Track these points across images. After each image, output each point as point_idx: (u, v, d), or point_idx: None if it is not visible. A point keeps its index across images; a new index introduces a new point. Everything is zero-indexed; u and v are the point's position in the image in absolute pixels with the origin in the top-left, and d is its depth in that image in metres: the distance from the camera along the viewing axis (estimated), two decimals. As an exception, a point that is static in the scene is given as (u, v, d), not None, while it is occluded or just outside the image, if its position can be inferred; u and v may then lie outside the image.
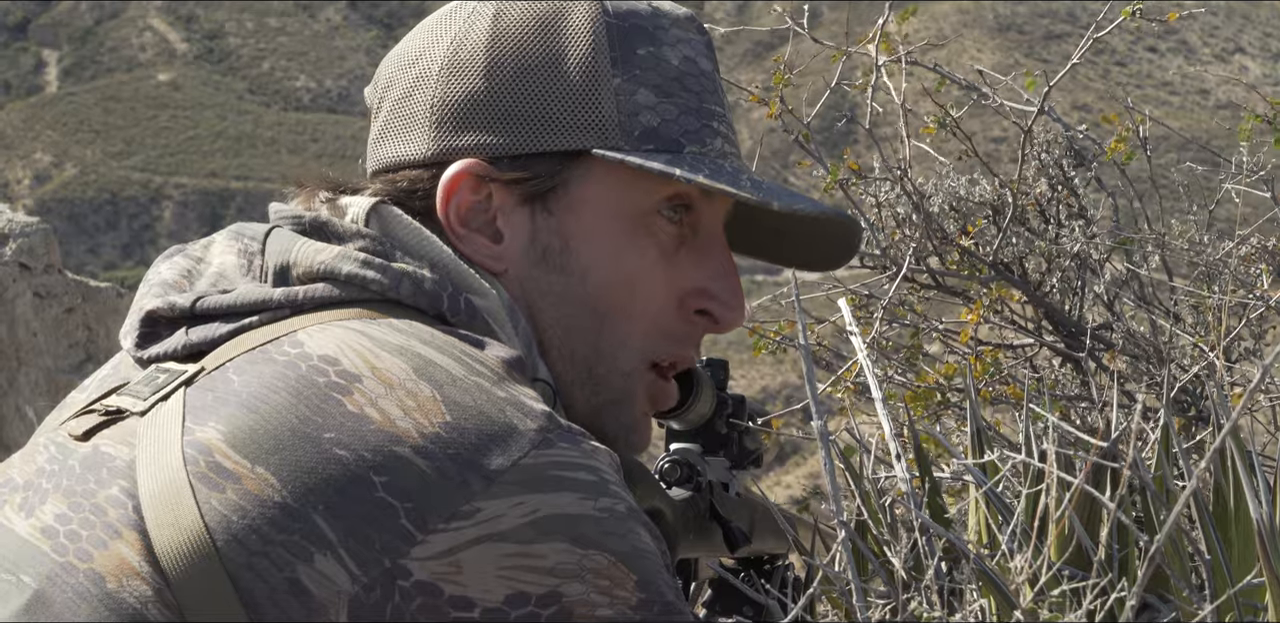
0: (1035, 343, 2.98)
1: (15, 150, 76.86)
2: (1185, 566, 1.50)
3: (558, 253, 1.39)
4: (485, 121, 1.38)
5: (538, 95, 1.38)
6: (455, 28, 1.42)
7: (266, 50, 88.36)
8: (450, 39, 1.41)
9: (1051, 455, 1.40)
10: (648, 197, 1.40)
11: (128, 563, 1.14)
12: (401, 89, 1.43)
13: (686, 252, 1.43)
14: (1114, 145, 2.96)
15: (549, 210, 1.39)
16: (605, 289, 1.40)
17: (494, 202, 1.39)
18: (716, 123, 1.43)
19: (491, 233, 1.39)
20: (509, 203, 1.39)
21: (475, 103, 1.38)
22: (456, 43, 1.41)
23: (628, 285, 1.40)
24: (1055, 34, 71.33)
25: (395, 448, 1.15)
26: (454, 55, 1.40)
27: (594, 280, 1.40)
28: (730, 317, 1.46)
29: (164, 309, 1.31)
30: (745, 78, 3.23)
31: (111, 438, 1.23)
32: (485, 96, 1.38)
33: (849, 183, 2.97)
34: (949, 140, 3.09)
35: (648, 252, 1.41)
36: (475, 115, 1.38)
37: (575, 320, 1.40)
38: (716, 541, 1.75)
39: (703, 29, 1.48)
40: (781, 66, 2.92)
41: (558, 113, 1.38)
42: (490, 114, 1.38)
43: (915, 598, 1.42)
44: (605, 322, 1.40)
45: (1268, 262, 2.81)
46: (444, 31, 1.43)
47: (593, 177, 1.39)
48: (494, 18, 1.41)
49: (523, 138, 1.38)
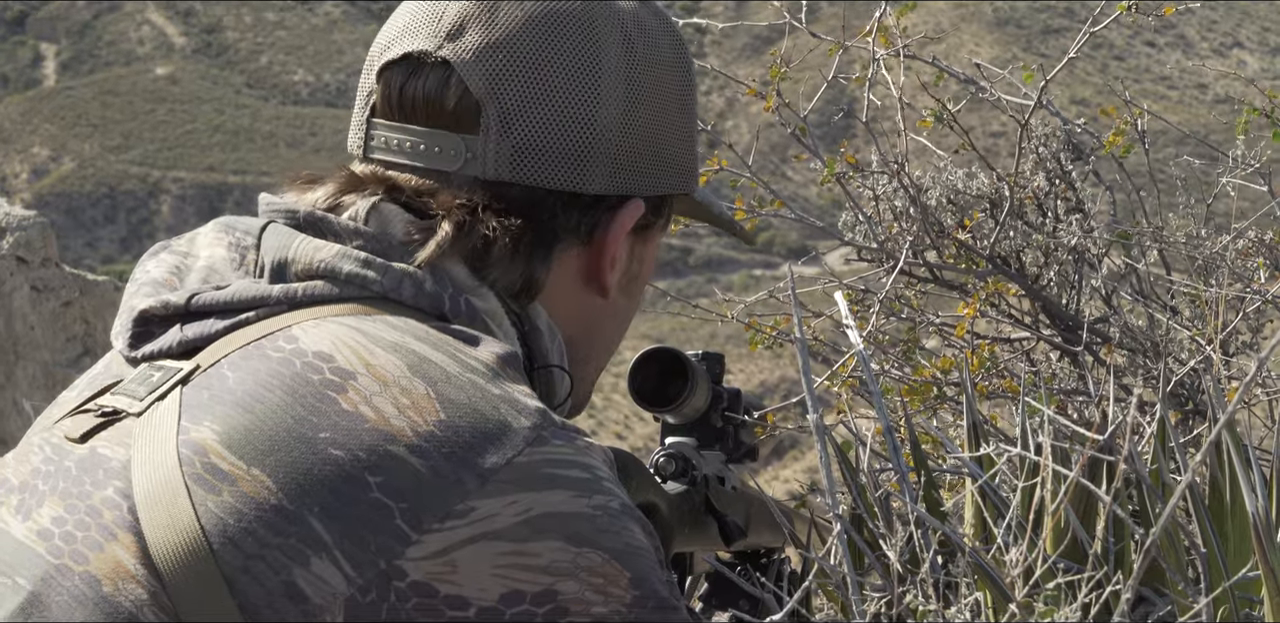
0: (1032, 337, 2.97)
1: (13, 144, 76.80)
2: (1181, 559, 1.50)
3: (635, 279, 1.45)
4: (647, 165, 1.39)
5: (675, 139, 1.42)
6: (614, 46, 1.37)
7: (265, 44, 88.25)
8: (616, 63, 1.36)
9: (1047, 449, 1.40)
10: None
11: (123, 566, 1.14)
12: (564, 106, 1.34)
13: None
14: (1112, 139, 2.96)
15: (643, 240, 1.44)
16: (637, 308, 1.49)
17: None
18: None
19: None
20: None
21: (640, 144, 1.38)
22: (627, 68, 1.37)
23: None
24: (1053, 28, 71.30)
25: (390, 447, 1.15)
26: (628, 85, 1.37)
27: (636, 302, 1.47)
28: None
29: (158, 308, 1.30)
30: (743, 72, 3.22)
31: (108, 440, 1.22)
32: (647, 138, 1.38)
33: (846, 176, 2.97)
34: (947, 135, 3.09)
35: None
36: (640, 157, 1.38)
37: (618, 335, 1.48)
38: (712, 534, 1.75)
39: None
40: (778, 60, 2.91)
41: (688, 157, 1.44)
42: (649, 158, 1.39)
43: (911, 591, 1.42)
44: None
45: (1265, 255, 2.81)
46: (577, 48, 1.35)
47: (670, 210, 1.47)
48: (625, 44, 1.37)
49: (668, 183, 1.42)
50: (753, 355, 3.58)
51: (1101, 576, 1.35)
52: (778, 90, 2.90)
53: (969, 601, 1.42)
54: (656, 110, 1.38)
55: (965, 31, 70.15)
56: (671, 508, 1.61)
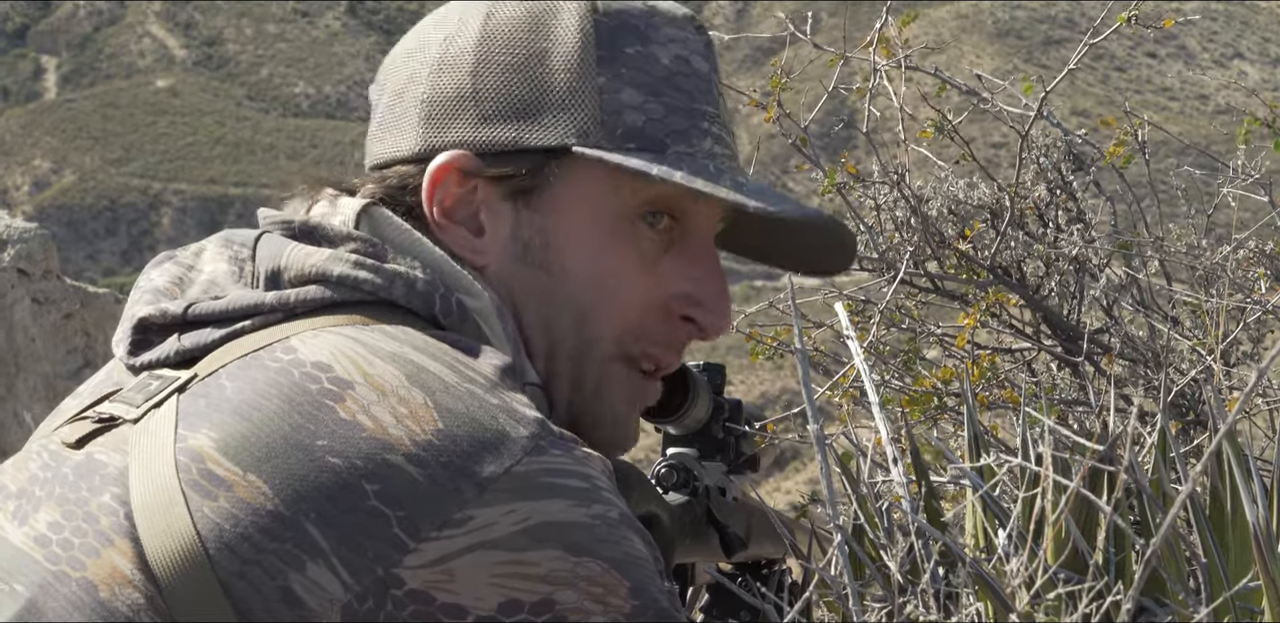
0: (1033, 347, 2.98)
1: (14, 157, 76.88)
2: (1182, 569, 1.50)
3: (539, 249, 1.39)
4: (471, 117, 1.38)
5: (522, 92, 1.38)
6: (449, 27, 1.42)
7: (265, 56, 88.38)
8: (443, 37, 1.41)
9: (1048, 459, 1.40)
10: (631, 197, 1.39)
11: (120, 571, 1.14)
12: (395, 86, 1.43)
13: (673, 257, 1.42)
14: (1112, 150, 2.96)
15: (532, 207, 1.38)
16: (584, 289, 1.39)
17: (478, 195, 1.38)
18: (708, 123, 1.41)
19: (474, 226, 1.39)
20: (493, 198, 1.38)
21: (462, 99, 1.38)
22: (448, 41, 1.41)
23: (606, 287, 1.40)
24: (1054, 39, 71.39)
25: (387, 456, 1.14)
26: (444, 53, 1.40)
27: (574, 280, 1.39)
28: (715, 323, 1.44)
29: (156, 316, 1.31)
30: (745, 83, 3.22)
31: (104, 445, 1.22)
32: (471, 92, 1.38)
33: (847, 187, 2.97)
34: (948, 145, 3.09)
35: (627, 255, 1.40)
36: (461, 111, 1.38)
37: (556, 319, 1.39)
38: (713, 545, 1.75)
39: (702, 29, 1.47)
40: (779, 71, 2.92)
41: (540, 110, 1.37)
42: (476, 110, 1.38)
43: (911, 602, 1.42)
44: (585, 321, 1.40)
45: (1265, 266, 2.81)
46: (438, 30, 1.43)
47: (576, 175, 1.38)
48: (486, 16, 1.41)
49: (506, 134, 1.37)
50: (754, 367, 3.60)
51: (1102, 586, 1.35)
52: (779, 101, 2.90)
53: (970, 611, 1.42)
54: (480, 72, 1.39)
55: (966, 43, 70.24)
56: (673, 519, 1.61)
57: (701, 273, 1.43)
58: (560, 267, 1.39)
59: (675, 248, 1.42)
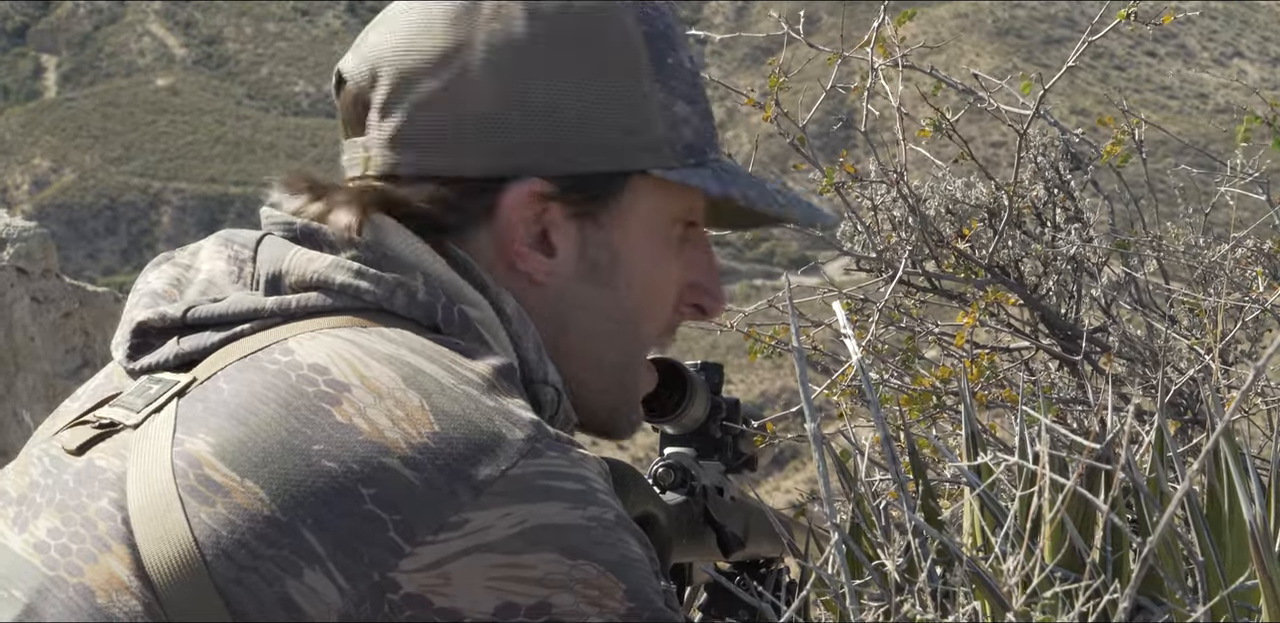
0: (1031, 346, 2.98)
1: (14, 155, 76.84)
2: (1179, 568, 1.50)
3: (606, 267, 1.38)
4: (545, 142, 1.33)
5: (595, 114, 1.33)
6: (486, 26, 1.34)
7: (265, 55, 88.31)
8: (484, 39, 1.33)
9: (1045, 458, 1.40)
10: (679, 206, 1.40)
11: (117, 577, 1.14)
12: (430, 89, 1.33)
13: (685, 250, 1.44)
14: (1110, 148, 2.96)
15: (599, 224, 1.36)
16: (641, 297, 1.40)
17: (546, 216, 1.35)
18: (713, 120, 1.42)
19: (547, 249, 1.36)
20: (560, 216, 1.35)
21: (530, 121, 1.32)
22: (492, 45, 1.33)
23: (658, 292, 1.41)
24: (1054, 38, 71.34)
25: (383, 459, 1.14)
26: (493, 60, 1.32)
27: (634, 291, 1.39)
28: (717, 307, 1.49)
29: (155, 320, 1.30)
30: (743, 82, 3.23)
31: (105, 451, 1.22)
32: (543, 115, 1.32)
33: (845, 186, 2.97)
34: (947, 145, 3.10)
35: (672, 260, 1.41)
36: (532, 134, 1.32)
37: (611, 330, 1.40)
38: (711, 545, 1.75)
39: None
40: (777, 70, 2.92)
41: (616, 133, 1.34)
42: (548, 134, 1.33)
43: (909, 601, 1.42)
44: (638, 329, 1.41)
45: (1263, 264, 2.81)
46: (472, 28, 1.34)
47: (640, 191, 1.37)
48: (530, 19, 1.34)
49: (583, 159, 1.34)
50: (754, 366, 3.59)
51: (1099, 584, 1.35)
52: (777, 100, 2.90)
53: (967, 610, 1.42)
54: (548, 86, 1.33)
55: (965, 42, 70.21)
56: (670, 519, 1.61)
57: (707, 260, 1.45)
58: (625, 281, 1.39)
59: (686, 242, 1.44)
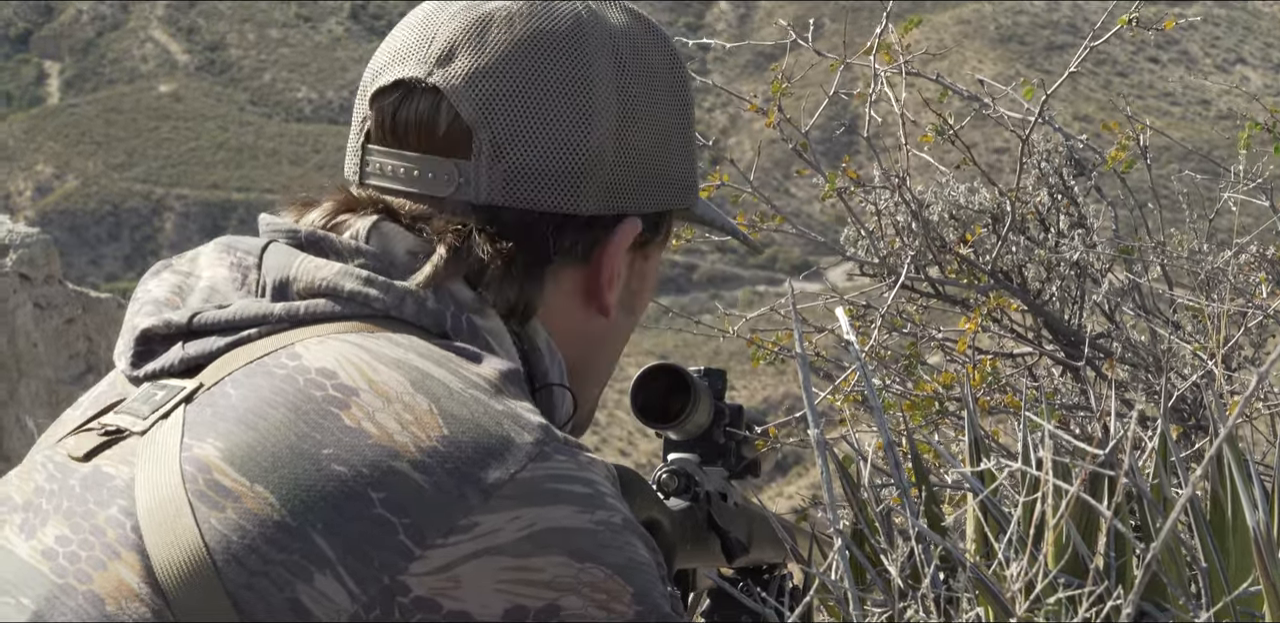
0: (1034, 352, 2.98)
1: (17, 162, 76.85)
2: (1182, 574, 1.50)
3: (634, 294, 1.44)
4: (644, 181, 1.38)
5: (679, 155, 1.41)
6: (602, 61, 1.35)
7: (268, 61, 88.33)
8: (607, 84, 1.35)
9: (1048, 464, 1.40)
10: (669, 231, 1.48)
11: (126, 585, 1.14)
12: (554, 127, 1.33)
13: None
14: (1114, 154, 2.96)
15: (645, 256, 1.44)
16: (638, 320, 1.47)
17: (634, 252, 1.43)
18: None
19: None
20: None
21: (637, 161, 1.37)
22: (621, 89, 1.35)
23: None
24: (1057, 45, 71.35)
25: (393, 463, 1.15)
26: (620, 105, 1.35)
27: (638, 315, 1.46)
28: None
29: (159, 327, 1.29)
30: (746, 89, 3.23)
31: (112, 458, 1.22)
32: (648, 155, 1.38)
33: (848, 192, 2.97)
34: (950, 150, 3.10)
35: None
36: (635, 173, 1.37)
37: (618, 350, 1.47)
38: (715, 550, 1.75)
39: None
40: (780, 76, 2.92)
41: (687, 171, 1.43)
42: (648, 173, 1.38)
43: (912, 607, 1.42)
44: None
45: (1267, 270, 2.81)
46: (596, 69, 1.34)
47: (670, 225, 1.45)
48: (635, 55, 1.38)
49: (667, 198, 1.41)
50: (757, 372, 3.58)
51: (1102, 590, 1.35)
52: (780, 106, 2.90)
53: (970, 616, 1.42)
54: (651, 128, 1.37)
55: (968, 48, 70.23)
56: (674, 524, 1.61)
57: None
58: (641, 306, 1.46)
59: None
